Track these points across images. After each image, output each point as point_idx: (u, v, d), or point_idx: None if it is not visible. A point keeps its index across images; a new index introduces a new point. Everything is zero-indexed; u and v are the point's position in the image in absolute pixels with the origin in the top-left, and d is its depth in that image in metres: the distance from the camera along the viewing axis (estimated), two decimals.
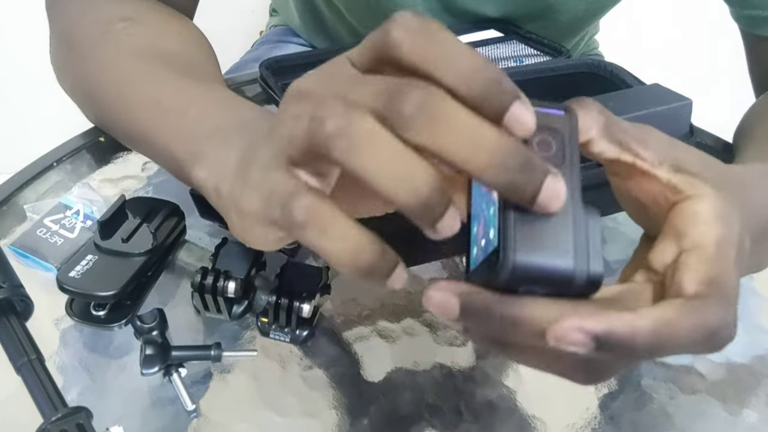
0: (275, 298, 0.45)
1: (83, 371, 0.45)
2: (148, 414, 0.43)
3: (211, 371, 0.45)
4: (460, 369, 0.46)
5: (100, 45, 0.51)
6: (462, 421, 0.43)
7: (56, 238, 0.50)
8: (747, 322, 0.50)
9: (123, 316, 0.46)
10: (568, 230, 0.25)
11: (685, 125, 0.50)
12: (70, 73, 0.53)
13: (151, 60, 0.49)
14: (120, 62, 0.49)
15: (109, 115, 0.49)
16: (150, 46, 0.50)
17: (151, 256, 0.47)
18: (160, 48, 0.51)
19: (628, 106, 0.48)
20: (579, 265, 0.25)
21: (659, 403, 0.45)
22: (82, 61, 0.51)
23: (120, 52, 0.50)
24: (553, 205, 0.25)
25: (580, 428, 0.43)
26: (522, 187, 0.24)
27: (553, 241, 0.25)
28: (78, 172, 0.60)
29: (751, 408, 0.45)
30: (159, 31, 0.53)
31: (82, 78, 0.51)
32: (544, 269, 0.25)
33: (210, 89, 0.45)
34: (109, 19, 0.52)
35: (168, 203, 0.51)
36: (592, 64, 0.59)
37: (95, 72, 0.50)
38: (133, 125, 0.46)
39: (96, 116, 0.53)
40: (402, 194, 0.24)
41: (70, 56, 0.53)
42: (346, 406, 0.44)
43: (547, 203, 0.24)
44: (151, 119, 0.45)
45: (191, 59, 0.52)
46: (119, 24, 0.51)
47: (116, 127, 0.49)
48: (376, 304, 0.50)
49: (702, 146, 0.66)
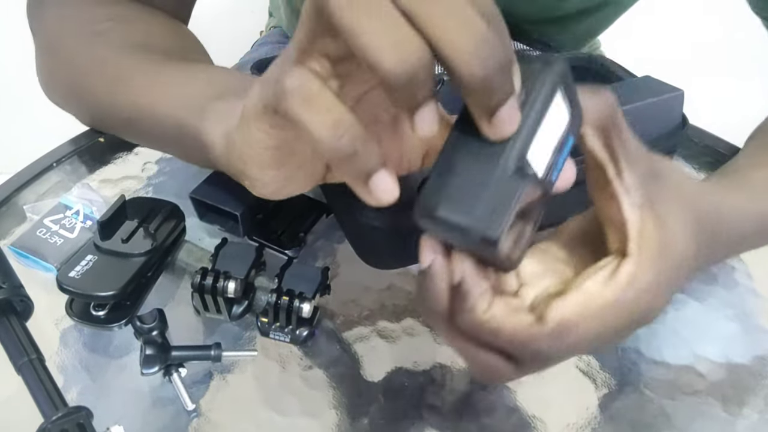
0: (275, 298, 0.45)
1: (83, 371, 0.45)
2: (148, 414, 0.43)
3: (211, 371, 0.45)
4: (460, 369, 0.46)
5: (90, 44, 0.50)
6: (462, 421, 0.43)
7: (56, 239, 0.50)
8: (747, 322, 0.50)
9: (123, 316, 0.46)
10: (484, 188, 0.25)
11: (677, 116, 0.50)
12: (61, 78, 0.53)
13: (145, 49, 0.48)
14: (113, 55, 0.49)
15: (107, 107, 0.49)
16: (142, 40, 0.50)
17: (151, 257, 0.47)
18: (152, 41, 0.50)
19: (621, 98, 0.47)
20: (476, 223, 0.25)
21: (659, 403, 0.45)
22: (73, 64, 0.51)
23: (112, 48, 0.49)
24: (505, 129, 0.25)
25: (580, 428, 0.43)
26: (493, 88, 0.24)
27: (464, 196, 0.26)
28: (78, 173, 0.60)
29: (751, 408, 0.45)
30: (149, 29, 0.52)
31: (75, 79, 0.51)
32: (444, 220, 0.26)
33: (210, 66, 0.45)
34: (97, 20, 0.51)
35: (168, 204, 0.51)
36: (583, 58, 0.58)
37: (88, 69, 0.50)
38: (134, 107, 0.46)
39: (92, 114, 0.52)
40: (389, 59, 0.23)
41: (60, 62, 0.52)
42: (346, 406, 0.44)
43: (502, 123, 0.25)
44: (153, 94, 0.44)
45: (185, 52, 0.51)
46: (107, 23, 0.51)
47: (114, 118, 0.49)
48: (376, 304, 0.50)
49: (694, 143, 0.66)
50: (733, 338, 0.49)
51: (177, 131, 0.41)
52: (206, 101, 0.39)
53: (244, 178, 0.33)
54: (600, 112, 0.29)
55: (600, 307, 0.28)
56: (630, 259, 0.29)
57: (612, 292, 0.28)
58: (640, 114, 0.48)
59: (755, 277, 0.53)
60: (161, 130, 0.44)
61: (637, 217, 0.29)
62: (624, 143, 0.29)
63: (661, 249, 0.29)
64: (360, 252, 0.51)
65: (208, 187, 0.51)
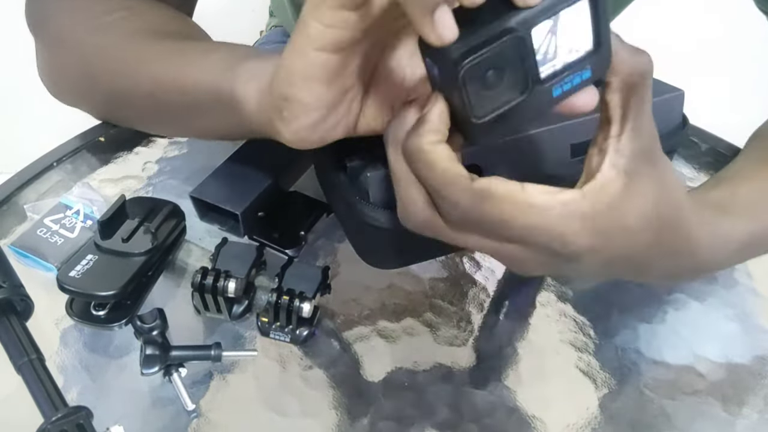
0: (275, 298, 0.45)
1: (83, 371, 0.45)
2: (148, 414, 0.43)
3: (211, 371, 0.45)
4: (460, 369, 0.46)
5: (101, 32, 0.50)
6: (462, 421, 0.43)
7: (56, 238, 0.50)
8: (747, 322, 0.50)
9: (123, 316, 0.46)
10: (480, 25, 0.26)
11: (677, 116, 0.50)
12: (70, 71, 0.53)
13: (158, 33, 0.48)
14: (128, 39, 0.49)
15: (125, 87, 0.48)
16: (152, 27, 0.50)
17: (151, 256, 0.47)
18: (163, 28, 0.50)
19: None
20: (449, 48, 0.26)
21: (659, 403, 0.45)
22: (83, 52, 0.51)
23: (123, 34, 0.49)
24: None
25: (580, 428, 0.43)
26: None
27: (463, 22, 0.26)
28: (78, 172, 0.60)
29: (751, 408, 0.45)
30: (159, 20, 0.52)
31: (87, 67, 0.51)
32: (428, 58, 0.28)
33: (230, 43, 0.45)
34: (105, 10, 0.51)
35: (168, 203, 0.51)
36: None
37: (101, 54, 0.50)
38: (156, 81, 0.45)
39: (107, 101, 0.52)
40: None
41: (69, 53, 0.52)
42: (346, 406, 0.44)
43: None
44: (178, 65, 0.44)
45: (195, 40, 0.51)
46: (117, 13, 0.51)
47: (133, 98, 0.49)
48: (376, 303, 0.50)
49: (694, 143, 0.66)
50: (733, 338, 0.49)
51: (205, 96, 0.41)
52: (236, 61, 0.39)
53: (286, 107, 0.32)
54: (633, 68, 0.28)
55: (527, 202, 0.28)
56: (578, 191, 0.29)
57: (545, 199, 0.29)
58: None
59: (755, 276, 0.53)
60: (188, 99, 0.44)
61: (611, 172, 0.29)
62: (639, 110, 0.29)
63: (612, 206, 0.29)
64: (360, 251, 0.51)
65: (209, 187, 0.51)
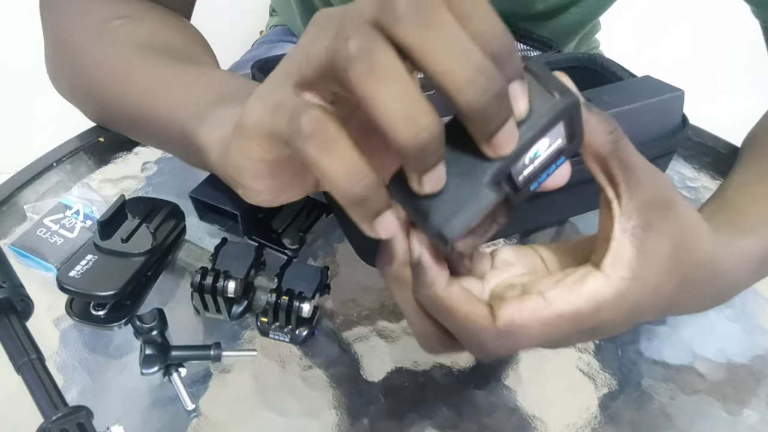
0: (275, 298, 0.45)
1: (83, 371, 0.45)
2: (148, 413, 0.43)
3: (211, 371, 0.45)
4: (460, 369, 0.46)
5: (98, 41, 0.51)
6: (462, 421, 0.43)
7: (56, 238, 0.50)
8: (747, 322, 0.50)
9: (123, 315, 0.46)
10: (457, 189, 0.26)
11: (677, 116, 0.50)
12: (68, 73, 0.53)
13: (151, 50, 0.49)
14: (120, 53, 0.50)
15: (111, 103, 0.49)
16: (148, 39, 0.51)
17: (151, 256, 0.47)
18: (158, 41, 0.51)
19: (621, 98, 0.48)
20: (435, 220, 0.26)
21: (659, 403, 0.45)
22: (80, 59, 0.51)
23: (119, 45, 0.50)
24: (502, 150, 0.25)
25: (580, 428, 0.43)
26: (490, 116, 0.24)
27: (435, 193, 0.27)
28: (78, 172, 0.60)
29: (751, 408, 0.45)
30: (156, 27, 0.53)
31: (82, 74, 0.52)
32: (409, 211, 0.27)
33: (213, 70, 0.45)
34: (106, 18, 0.52)
35: (168, 203, 0.51)
36: (583, 58, 0.58)
37: (95, 65, 0.50)
38: (137, 107, 0.46)
39: (97, 111, 0.53)
40: (403, 133, 0.24)
41: (68, 56, 0.53)
42: (346, 406, 0.44)
43: (503, 143, 0.25)
44: (155, 96, 0.45)
45: (190, 52, 0.52)
46: (116, 21, 0.52)
47: (118, 115, 0.49)
48: (375, 303, 0.50)
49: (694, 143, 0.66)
50: (733, 338, 0.49)
51: (176, 134, 0.41)
52: (205, 106, 0.40)
53: (239, 186, 0.33)
54: (598, 144, 0.29)
55: (555, 314, 0.28)
56: (600, 274, 0.29)
57: (571, 301, 0.28)
58: (640, 114, 0.48)
59: None
60: (162, 132, 0.45)
61: (624, 239, 0.29)
62: (626, 170, 0.29)
63: (635, 276, 0.29)
64: (360, 251, 0.51)
65: (208, 187, 0.51)
